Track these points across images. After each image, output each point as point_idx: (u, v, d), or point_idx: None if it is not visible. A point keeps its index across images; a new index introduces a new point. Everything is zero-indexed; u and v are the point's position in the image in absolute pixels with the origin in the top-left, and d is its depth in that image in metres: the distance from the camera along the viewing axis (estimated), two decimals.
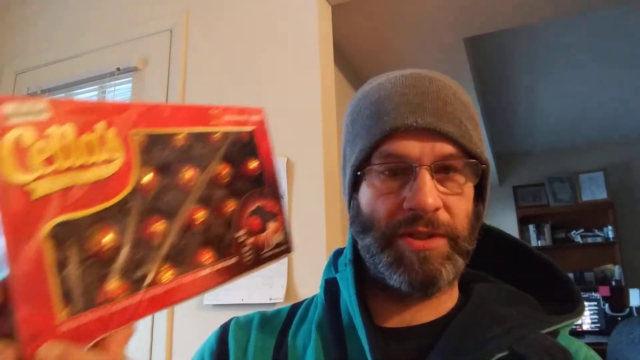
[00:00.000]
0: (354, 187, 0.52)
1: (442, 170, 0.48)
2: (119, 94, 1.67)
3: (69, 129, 0.28)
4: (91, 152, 0.29)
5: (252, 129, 0.41)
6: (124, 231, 0.30)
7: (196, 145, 0.36)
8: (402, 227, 0.47)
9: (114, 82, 1.66)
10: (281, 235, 0.42)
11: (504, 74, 2.98)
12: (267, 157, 0.42)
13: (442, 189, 0.48)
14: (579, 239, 4.21)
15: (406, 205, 0.47)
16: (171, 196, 0.33)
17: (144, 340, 1.37)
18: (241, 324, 0.58)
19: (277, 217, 0.42)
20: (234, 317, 0.59)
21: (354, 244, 0.55)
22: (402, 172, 0.48)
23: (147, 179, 0.32)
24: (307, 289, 1.24)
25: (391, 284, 0.49)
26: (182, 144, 0.35)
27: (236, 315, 0.60)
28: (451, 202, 0.48)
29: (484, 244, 0.52)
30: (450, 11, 1.87)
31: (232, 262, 0.37)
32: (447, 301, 0.53)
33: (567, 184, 4.28)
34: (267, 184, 0.42)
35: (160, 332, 1.37)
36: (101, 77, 1.68)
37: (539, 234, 4.28)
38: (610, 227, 4.07)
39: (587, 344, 0.53)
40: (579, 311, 0.51)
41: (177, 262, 0.33)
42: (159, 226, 0.32)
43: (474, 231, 0.50)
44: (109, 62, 1.67)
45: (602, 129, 3.96)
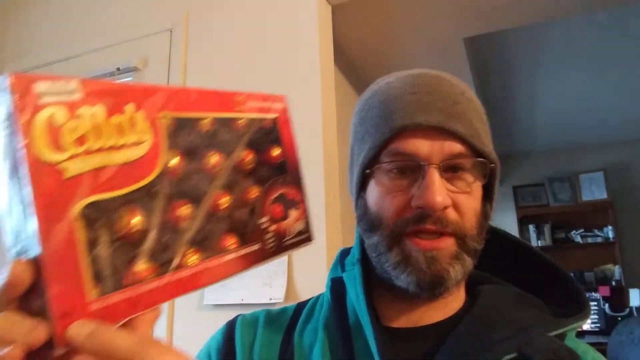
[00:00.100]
0: (362, 185, 0.52)
1: (451, 169, 0.48)
2: None
3: (100, 110, 0.28)
4: (121, 134, 0.29)
5: (275, 116, 0.42)
6: (151, 214, 0.30)
7: (221, 130, 0.36)
8: (410, 225, 0.47)
9: None
10: (302, 223, 0.42)
11: (504, 74, 2.98)
12: (290, 145, 0.42)
13: (450, 187, 0.48)
14: (579, 239, 4.21)
15: (414, 203, 0.47)
16: (197, 181, 0.33)
17: None
18: (247, 322, 0.57)
19: (298, 206, 0.42)
20: (240, 315, 0.59)
21: (361, 244, 0.55)
22: (410, 170, 0.48)
23: (174, 162, 0.32)
24: (307, 289, 1.24)
25: (398, 284, 0.48)
26: (207, 128, 0.35)
27: (236, 315, 0.60)
28: (460, 201, 0.48)
29: (486, 244, 0.52)
30: (450, 11, 1.87)
31: (255, 248, 0.37)
32: (453, 302, 0.53)
33: (567, 184, 4.28)
34: (290, 172, 0.42)
35: (160, 332, 1.37)
36: (101, 77, 1.68)
37: (539, 234, 4.28)
38: (610, 227, 4.07)
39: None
40: (586, 313, 0.51)
41: (202, 246, 0.33)
42: (184, 210, 0.32)
43: (482, 231, 0.50)
44: (109, 62, 1.67)
45: (602, 129, 3.96)
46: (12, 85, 0.25)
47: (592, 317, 3.86)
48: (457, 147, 0.48)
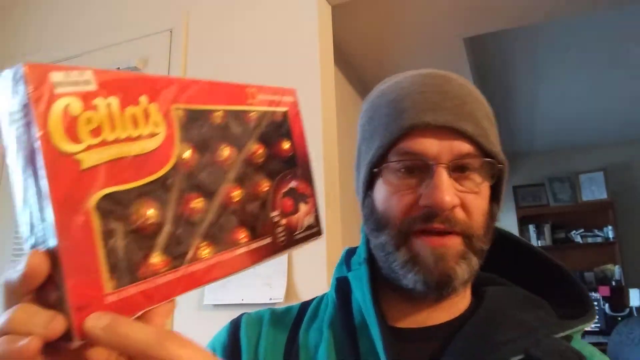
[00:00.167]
0: (369, 184, 0.52)
1: (459, 169, 0.48)
2: None
3: (114, 101, 0.28)
4: (136, 125, 0.29)
5: (286, 109, 0.41)
6: (166, 206, 0.30)
7: (233, 123, 0.36)
8: (417, 224, 0.47)
9: None
10: (312, 217, 0.42)
11: (504, 74, 2.98)
12: (300, 139, 0.42)
13: (459, 187, 0.48)
14: (579, 239, 4.22)
15: (422, 202, 0.47)
16: (209, 174, 0.33)
17: None
18: (252, 320, 0.57)
19: (308, 200, 0.42)
20: (244, 313, 0.59)
21: (367, 243, 0.55)
22: (418, 169, 0.48)
23: (187, 155, 0.32)
24: (307, 289, 1.24)
25: (405, 284, 0.48)
26: (219, 121, 0.35)
27: (236, 315, 0.60)
28: (468, 201, 0.48)
29: (491, 245, 0.52)
30: (450, 11, 1.87)
31: (266, 242, 0.37)
32: (459, 303, 0.53)
33: (567, 184, 4.28)
34: (300, 166, 0.42)
35: None
36: None
37: (539, 234, 4.28)
38: (610, 227, 4.08)
39: None
40: (591, 315, 0.51)
41: (214, 239, 0.33)
42: (197, 203, 0.32)
43: (489, 231, 0.50)
44: (109, 62, 1.66)
45: (602, 129, 3.96)
46: (27, 75, 0.25)
47: None
48: (465, 147, 0.48)
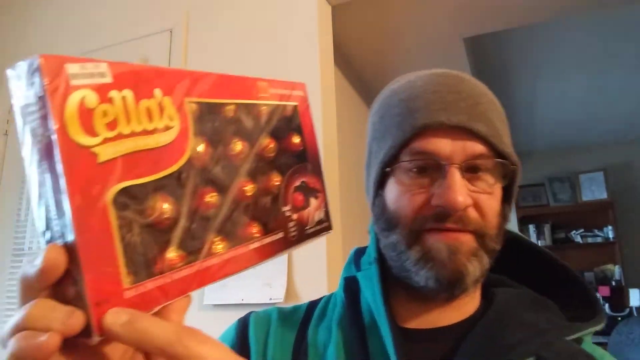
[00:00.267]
0: (380, 184, 0.52)
1: (471, 169, 0.48)
2: None
3: (129, 94, 0.28)
4: (151, 118, 0.29)
5: (296, 104, 0.41)
6: (181, 201, 0.30)
7: (245, 117, 0.36)
8: (429, 223, 0.47)
9: None
10: (322, 212, 0.41)
11: (504, 74, 2.98)
12: (310, 133, 0.42)
13: (471, 187, 0.47)
14: (579, 239, 4.22)
15: (434, 202, 0.46)
16: (222, 168, 0.33)
17: None
18: (260, 319, 0.57)
19: (318, 194, 0.41)
20: (252, 312, 0.59)
21: (376, 243, 0.54)
22: (431, 169, 0.48)
23: (201, 149, 0.32)
24: (307, 289, 1.24)
25: (416, 281, 0.48)
26: (231, 115, 0.34)
27: (236, 315, 0.60)
28: (481, 201, 0.47)
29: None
30: (450, 11, 1.87)
31: (278, 236, 0.36)
32: (469, 304, 0.52)
33: (567, 184, 4.28)
34: (310, 161, 0.41)
35: None
36: None
37: (539, 234, 4.28)
38: (610, 227, 4.08)
39: None
40: (601, 318, 0.51)
41: (228, 234, 0.32)
42: (211, 197, 0.32)
43: (501, 232, 0.50)
44: None
45: (602, 129, 3.96)
46: (43, 66, 0.24)
47: None
48: (478, 147, 0.47)
